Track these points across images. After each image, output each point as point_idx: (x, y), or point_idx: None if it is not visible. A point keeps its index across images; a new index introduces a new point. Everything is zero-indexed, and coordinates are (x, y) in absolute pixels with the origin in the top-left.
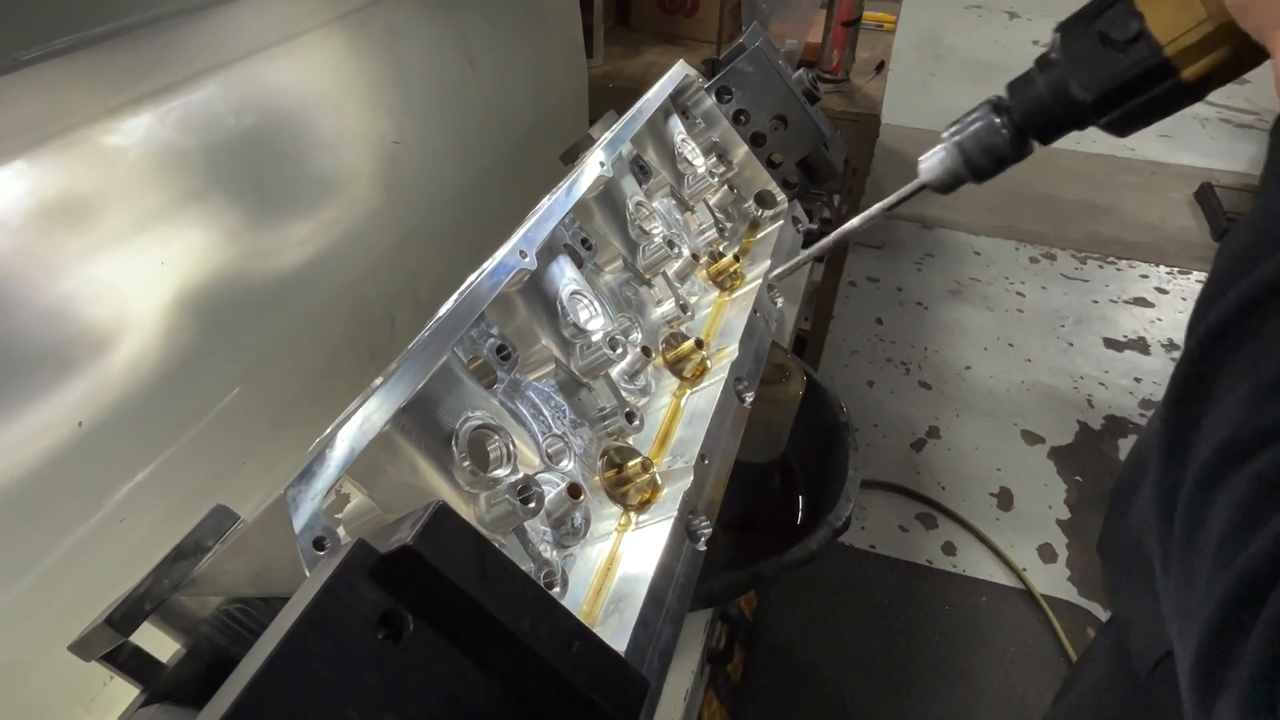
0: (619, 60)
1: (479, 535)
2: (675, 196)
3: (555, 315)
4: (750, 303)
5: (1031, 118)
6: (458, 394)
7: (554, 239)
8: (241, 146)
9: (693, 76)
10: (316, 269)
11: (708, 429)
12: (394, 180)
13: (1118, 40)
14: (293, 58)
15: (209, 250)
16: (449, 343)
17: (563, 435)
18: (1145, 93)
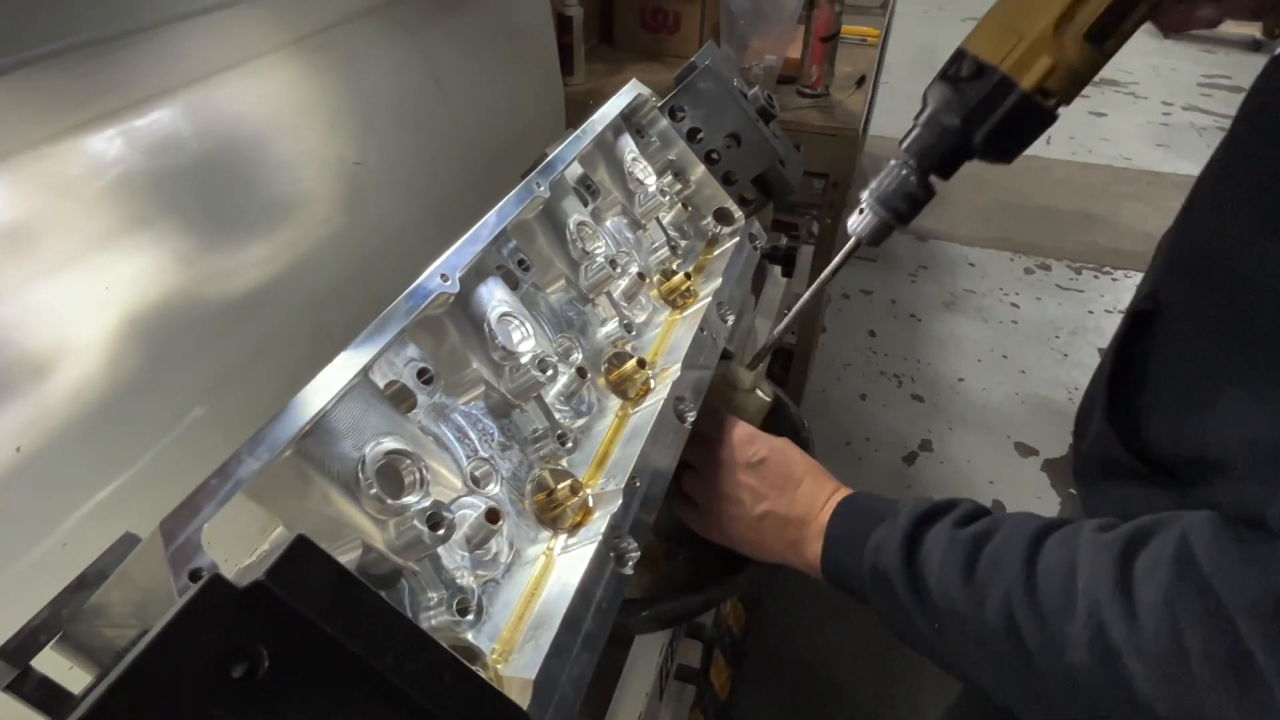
0: (601, 77)
1: (341, 569)
2: (627, 215)
3: (484, 338)
4: (699, 321)
5: (925, 158)
6: (369, 419)
7: (484, 262)
8: (192, 170)
9: (645, 95)
10: (274, 292)
11: (641, 450)
12: (356, 202)
13: (965, 78)
14: (245, 82)
15: (157, 275)
16: (357, 367)
17: (489, 458)
18: (999, 107)
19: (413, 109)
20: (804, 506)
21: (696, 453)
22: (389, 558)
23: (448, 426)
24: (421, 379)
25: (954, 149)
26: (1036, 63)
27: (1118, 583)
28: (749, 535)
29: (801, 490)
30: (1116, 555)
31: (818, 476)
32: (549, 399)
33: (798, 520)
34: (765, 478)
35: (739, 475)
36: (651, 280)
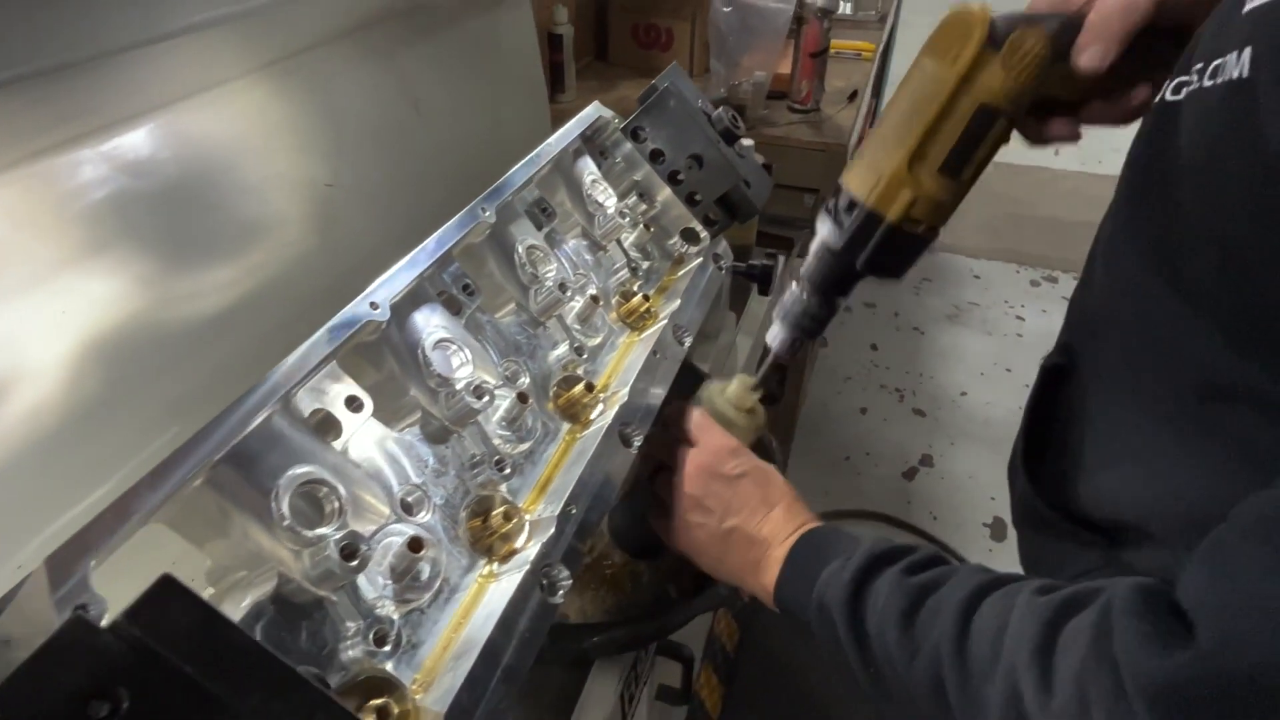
0: (593, 94)
1: (206, 609)
2: (587, 237)
3: (420, 365)
4: (653, 343)
5: (821, 282)
6: (286, 448)
7: (421, 288)
8: (155, 195)
9: (607, 118)
10: (241, 313)
11: (579, 476)
12: (328, 223)
13: (841, 209)
14: (212, 107)
15: (118, 299)
16: (274, 397)
17: (422, 485)
18: (872, 237)
19: (388, 130)
20: (771, 531)
21: (675, 455)
22: (307, 588)
23: (380, 453)
24: (350, 407)
25: (843, 272)
26: (898, 197)
27: (1038, 650)
28: (711, 547)
29: (773, 515)
30: (1044, 621)
31: (793, 505)
32: (491, 425)
33: (762, 542)
34: (740, 494)
35: (715, 485)
36: (610, 302)
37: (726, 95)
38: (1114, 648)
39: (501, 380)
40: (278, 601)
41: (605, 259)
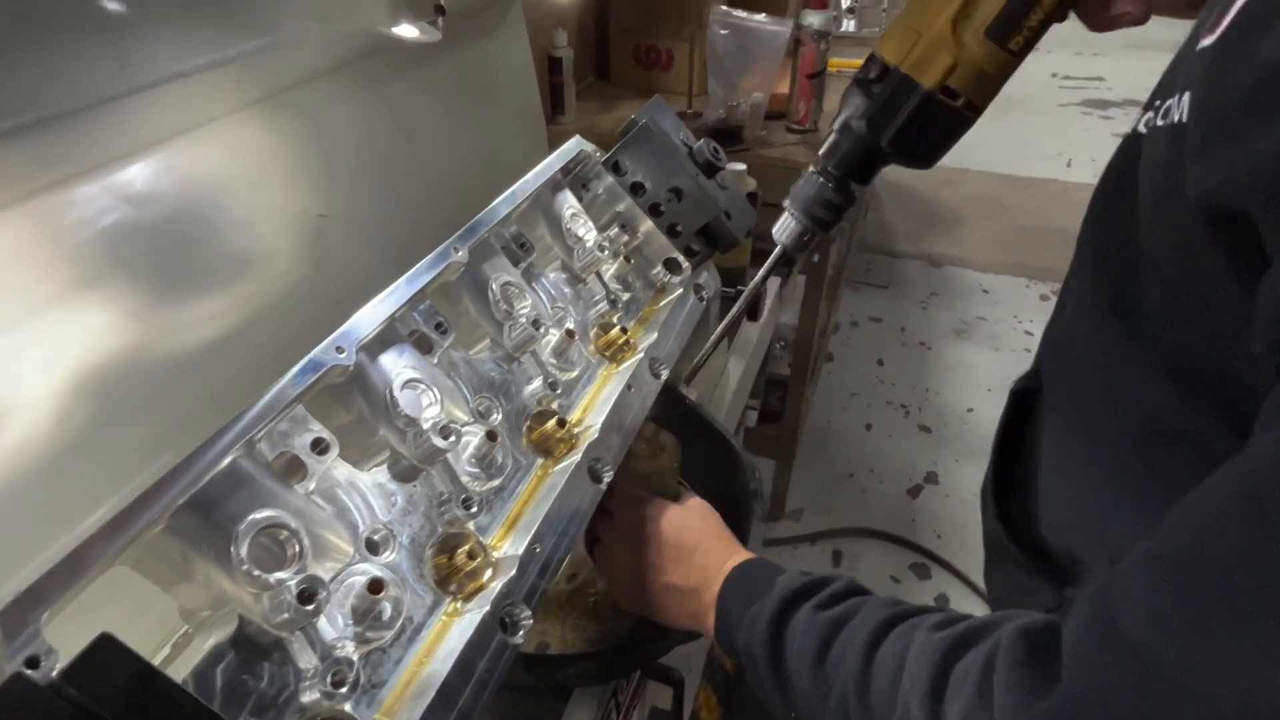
0: (593, 115)
1: (145, 666)
2: (567, 270)
3: (387, 406)
4: (627, 377)
5: (840, 164)
6: (249, 492)
7: (391, 329)
8: (145, 231)
9: (588, 151)
10: (231, 343)
11: (545, 514)
12: (320, 253)
13: (872, 80)
14: (201, 144)
15: (106, 332)
16: (238, 442)
17: (389, 524)
18: (903, 108)
19: (380, 160)
20: (698, 577)
21: (605, 525)
22: (266, 629)
23: (346, 493)
24: (315, 449)
25: (866, 152)
26: (935, 61)
27: (929, 692)
28: (656, 606)
29: (694, 561)
30: (937, 659)
31: (710, 544)
32: (460, 463)
33: (693, 591)
34: (661, 551)
35: (639, 551)
36: (589, 334)
37: (725, 116)
38: (994, 692)
39: (473, 417)
40: (238, 642)
41: (585, 291)
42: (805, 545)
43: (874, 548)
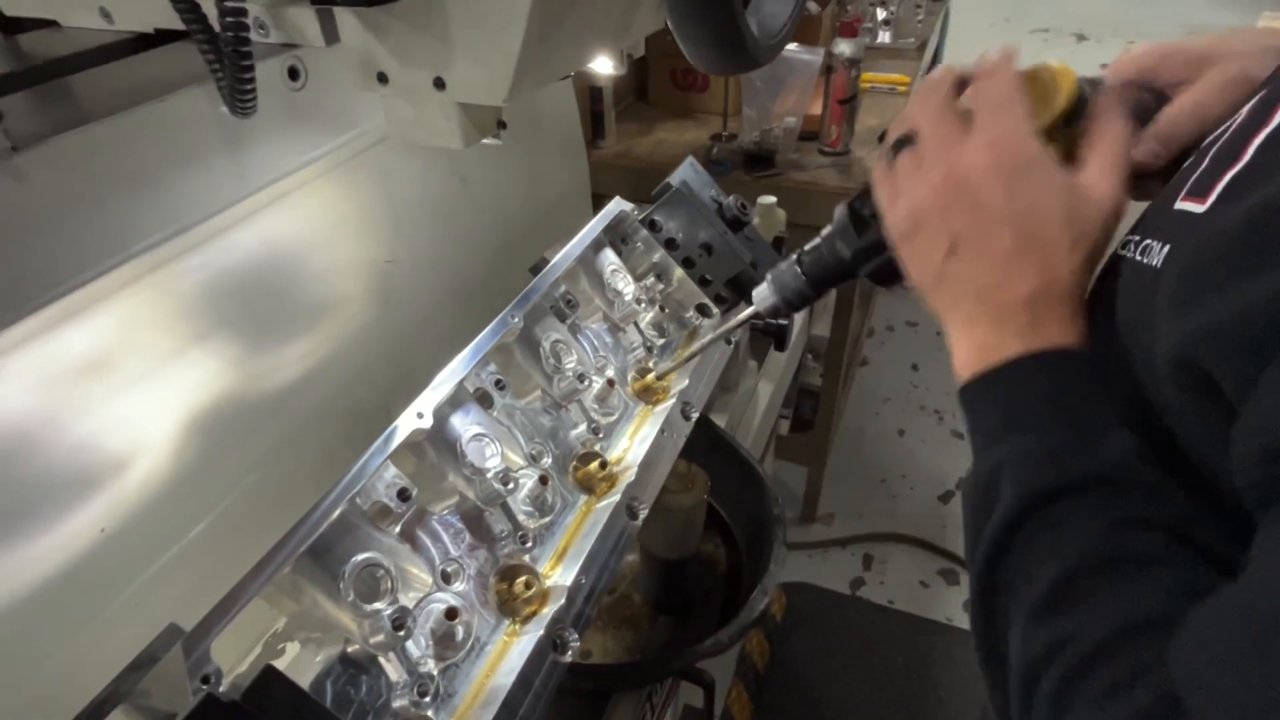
0: (631, 138)
1: (300, 692)
2: (608, 320)
3: (457, 457)
4: (661, 421)
5: (820, 274)
6: (352, 538)
7: (460, 392)
8: (241, 290)
9: (627, 211)
10: (311, 380)
11: (589, 550)
12: (386, 295)
13: (864, 215)
14: (287, 209)
15: (212, 379)
16: (343, 499)
17: (459, 558)
18: (883, 253)
19: (439, 206)
20: (1021, 298)
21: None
22: (366, 649)
23: (425, 531)
24: (401, 497)
25: (843, 273)
26: None
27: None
28: (937, 245)
29: (1035, 270)
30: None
31: (1072, 285)
32: (516, 503)
33: (1001, 307)
34: (1029, 204)
35: (1008, 183)
36: (627, 378)
37: (759, 139)
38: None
39: (527, 461)
40: (344, 660)
41: (624, 338)
42: (836, 549)
43: (904, 553)
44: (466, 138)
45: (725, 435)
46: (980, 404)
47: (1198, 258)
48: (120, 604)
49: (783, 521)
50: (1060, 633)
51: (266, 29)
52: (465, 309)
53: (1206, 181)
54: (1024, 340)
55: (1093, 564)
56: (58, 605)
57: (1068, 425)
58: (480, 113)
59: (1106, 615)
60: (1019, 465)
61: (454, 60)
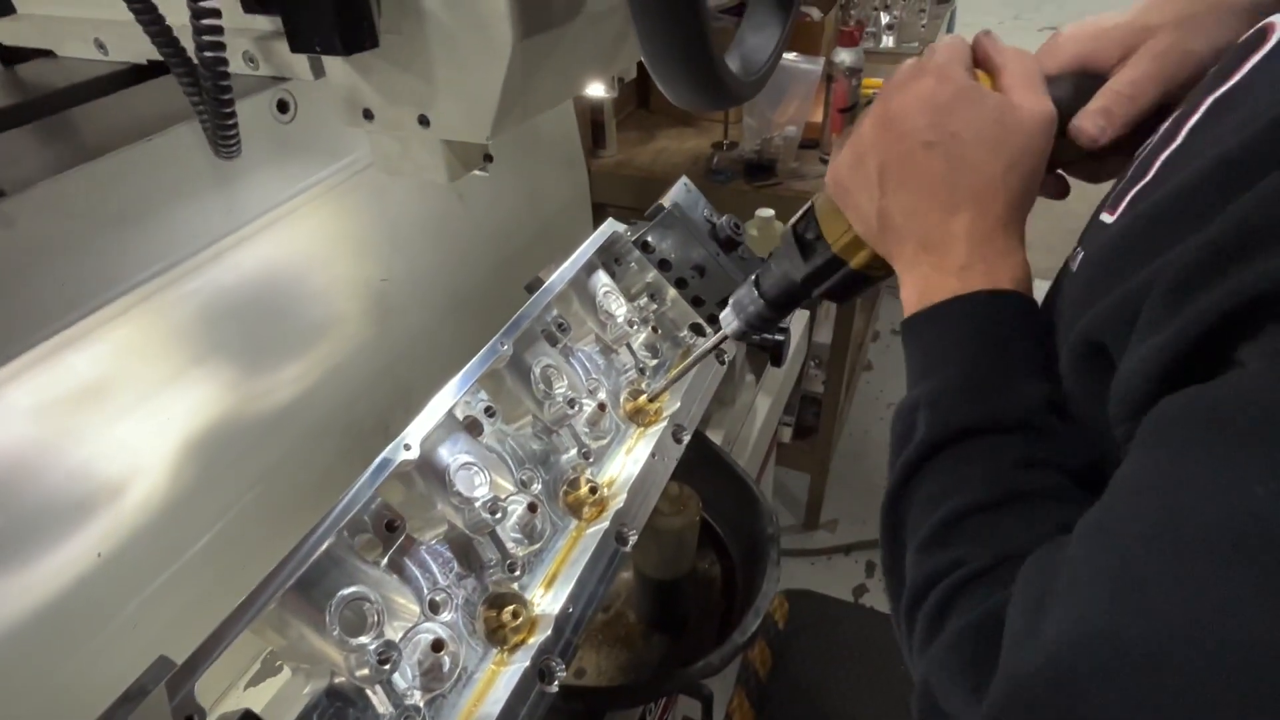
0: (632, 147)
1: None
2: (600, 341)
3: (446, 486)
4: (652, 445)
5: (770, 291)
6: (339, 571)
7: (448, 421)
8: (237, 314)
9: (620, 232)
10: (308, 399)
11: (578, 577)
12: (383, 313)
13: (809, 240)
14: (281, 231)
15: (209, 403)
16: (330, 532)
17: (447, 587)
18: (833, 275)
19: (435, 223)
20: (956, 238)
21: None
22: (352, 682)
23: (413, 561)
24: (389, 529)
25: (796, 295)
26: (861, 251)
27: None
28: (896, 171)
29: (964, 219)
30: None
31: (1006, 224)
32: (505, 530)
33: (937, 246)
34: (960, 145)
35: (908, 93)
36: (619, 400)
37: (760, 148)
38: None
39: (517, 487)
40: (330, 693)
41: (616, 360)
42: (839, 556)
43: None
44: (452, 173)
45: (721, 452)
46: (912, 342)
47: (1096, 261)
48: (116, 626)
49: (776, 541)
50: (948, 560)
51: (256, 62)
52: (464, 324)
53: (1121, 194)
54: (962, 279)
55: (985, 502)
56: (54, 629)
57: (986, 367)
58: (465, 148)
59: (990, 547)
60: (933, 403)
61: (437, 98)
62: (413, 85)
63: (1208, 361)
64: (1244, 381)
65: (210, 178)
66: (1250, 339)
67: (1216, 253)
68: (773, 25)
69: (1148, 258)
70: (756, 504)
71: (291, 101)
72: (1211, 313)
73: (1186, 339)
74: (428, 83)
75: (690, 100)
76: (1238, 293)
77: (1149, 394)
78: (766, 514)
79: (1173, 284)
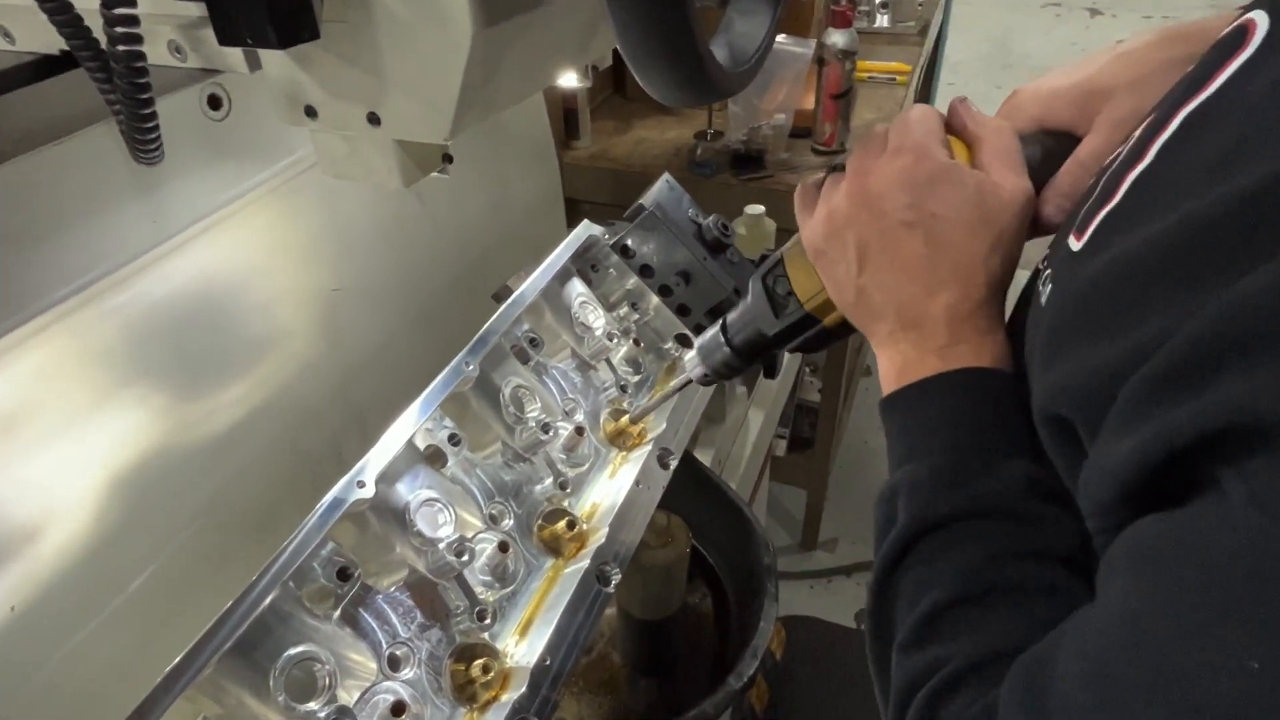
0: (609, 137)
1: None
2: (576, 357)
3: (405, 526)
4: (636, 471)
5: (738, 342)
6: (285, 628)
7: (408, 451)
8: (170, 331)
9: (596, 235)
10: (249, 426)
11: (555, 625)
12: (334, 326)
13: (779, 295)
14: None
15: (136, 432)
16: (275, 584)
17: (409, 640)
18: (805, 332)
19: (392, 226)
20: (936, 318)
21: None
22: None
23: (369, 612)
24: (340, 576)
25: (766, 347)
26: (835, 312)
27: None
28: (873, 249)
29: (945, 299)
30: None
31: (989, 300)
32: (473, 574)
33: (915, 324)
34: (944, 223)
35: (915, 194)
36: (599, 422)
37: (747, 138)
38: None
39: (486, 524)
40: None
41: (595, 377)
42: (839, 578)
43: None
44: (406, 176)
45: (711, 474)
46: (892, 421)
47: (1062, 311)
48: (31, 691)
49: (774, 572)
50: (930, 659)
51: (184, 53)
52: (424, 339)
53: (1088, 216)
54: (942, 358)
55: (967, 594)
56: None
57: (966, 450)
58: (422, 149)
59: (974, 644)
60: (913, 490)
61: (388, 94)
62: (361, 79)
63: (1184, 470)
64: (1230, 518)
65: (133, 183)
66: (1227, 464)
67: (1192, 361)
68: (763, 9)
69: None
70: (751, 532)
71: (225, 97)
72: (1188, 429)
73: (1160, 449)
74: (377, 77)
75: (673, 96)
76: (1213, 414)
77: (1121, 497)
78: (762, 542)
79: (1148, 383)
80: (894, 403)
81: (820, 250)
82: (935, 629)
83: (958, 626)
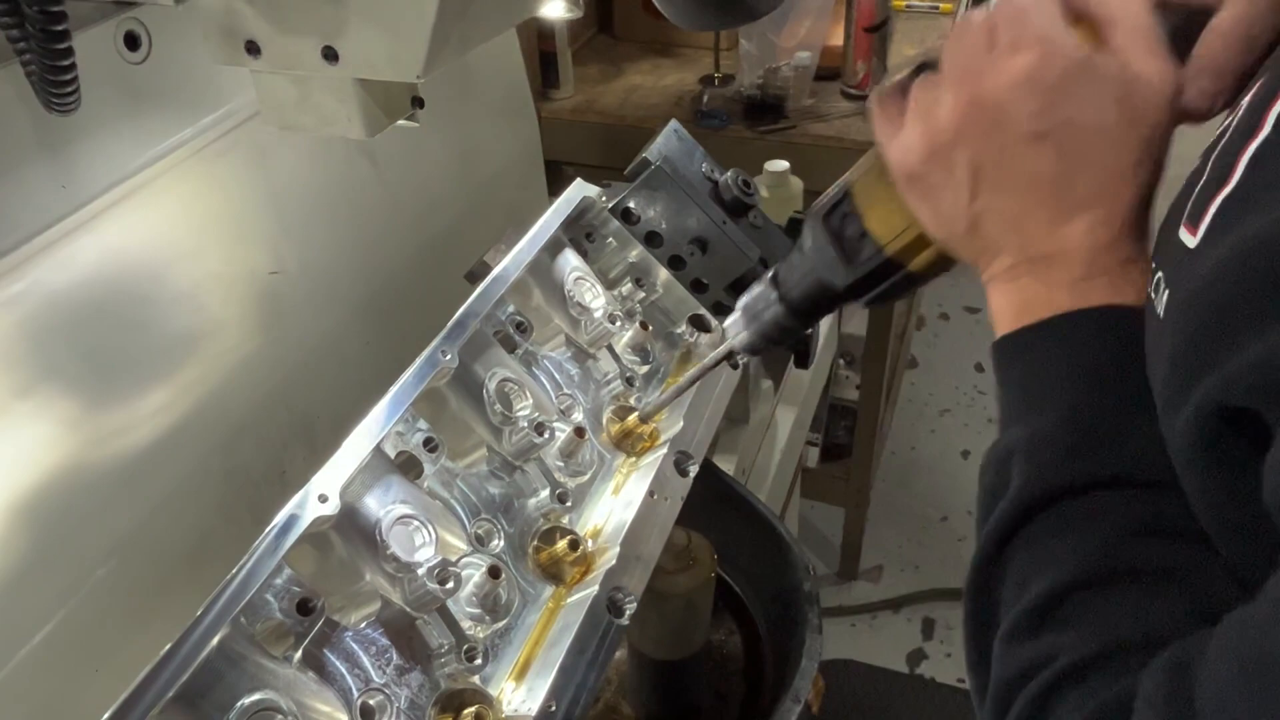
0: (594, 85)
1: None
2: (572, 344)
3: (376, 549)
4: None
5: (797, 298)
6: (236, 673)
7: (376, 460)
8: (77, 325)
9: (591, 197)
10: (175, 439)
11: (561, 664)
12: (273, 317)
13: (848, 235)
14: (130, 213)
15: (40, 448)
16: (222, 621)
17: (384, 686)
18: (884, 280)
19: (339, 191)
20: (1068, 248)
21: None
22: None
23: (336, 653)
24: (301, 611)
25: (832, 301)
26: (926, 251)
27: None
28: (990, 169)
29: (1080, 224)
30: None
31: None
32: (459, 605)
33: (1044, 259)
34: (1075, 132)
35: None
36: (602, 422)
37: (762, 82)
38: None
39: (471, 546)
40: None
41: (594, 368)
42: (886, 613)
43: None
44: (370, 124)
45: (735, 485)
46: (1007, 369)
47: (1199, 306)
48: None
49: (815, 601)
50: (1044, 649)
51: None
52: (383, 328)
53: (1201, 204)
54: (1075, 293)
55: (1091, 577)
56: None
57: (1099, 407)
58: (387, 90)
59: (1097, 634)
60: (1032, 452)
61: (348, 24)
62: (315, 7)
63: None
64: None
65: (35, 142)
66: None
67: None
68: None
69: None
70: (786, 552)
71: (144, 34)
72: None
73: None
74: (335, 3)
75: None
76: None
77: None
78: (800, 564)
79: None
80: (1012, 345)
81: (917, 175)
82: (1052, 615)
83: (1079, 613)
